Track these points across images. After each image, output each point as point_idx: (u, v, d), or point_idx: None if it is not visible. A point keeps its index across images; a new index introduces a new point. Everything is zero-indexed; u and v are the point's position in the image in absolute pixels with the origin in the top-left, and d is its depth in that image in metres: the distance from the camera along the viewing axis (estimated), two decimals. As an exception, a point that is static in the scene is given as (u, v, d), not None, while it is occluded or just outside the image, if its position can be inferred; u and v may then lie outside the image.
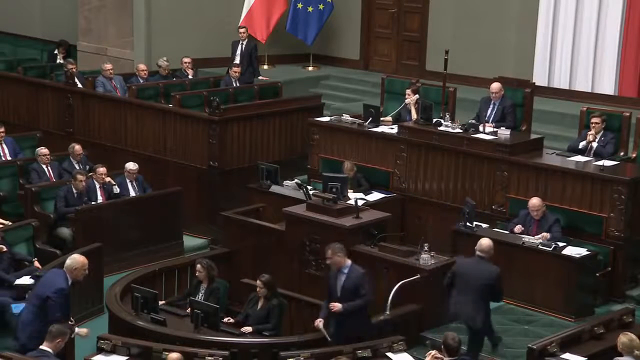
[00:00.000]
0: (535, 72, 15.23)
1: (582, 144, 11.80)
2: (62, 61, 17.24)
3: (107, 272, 11.29)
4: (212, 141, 13.00)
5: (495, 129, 12.03)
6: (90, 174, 12.45)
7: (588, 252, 10.62)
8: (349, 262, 9.10)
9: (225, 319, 9.73)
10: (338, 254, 9.04)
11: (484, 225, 11.32)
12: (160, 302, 9.84)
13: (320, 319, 9.06)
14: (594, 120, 11.78)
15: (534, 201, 10.83)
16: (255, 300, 9.82)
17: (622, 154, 11.83)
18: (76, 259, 8.77)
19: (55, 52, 17.53)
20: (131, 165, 12.61)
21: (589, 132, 11.74)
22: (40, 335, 8.24)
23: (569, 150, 11.92)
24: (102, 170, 12.37)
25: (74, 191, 12.04)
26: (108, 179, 12.36)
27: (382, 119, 12.98)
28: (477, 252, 9.31)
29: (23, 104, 15.27)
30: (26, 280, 10.17)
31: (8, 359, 8.17)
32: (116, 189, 12.38)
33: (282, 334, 9.70)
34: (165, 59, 15.39)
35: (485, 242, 9.35)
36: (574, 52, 15.07)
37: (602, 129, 11.79)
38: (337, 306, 8.96)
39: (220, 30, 16.77)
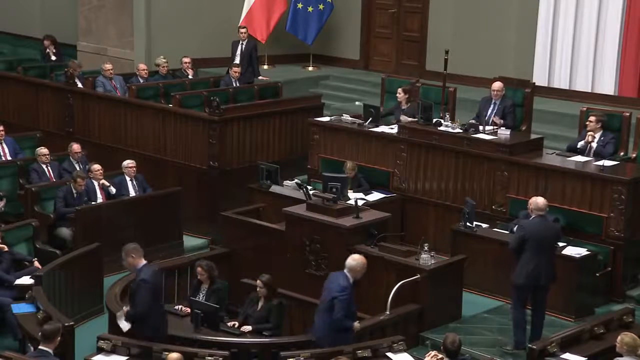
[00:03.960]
0: (535, 72, 15.23)
1: (580, 144, 11.80)
2: (54, 57, 17.22)
3: (107, 272, 11.29)
4: (212, 141, 13.00)
5: (496, 128, 12.02)
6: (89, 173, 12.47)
7: (588, 252, 10.63)
8: (143, 262, 8.85)
9: (230, 323, 9.71)
10: (132, 254, 8.81)
11: (484, 225, 11.33)
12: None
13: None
14: (589, 119, 11.78)
15: (539, 202, 10.75)
16: (256, 300, 9.82)
17: (622, 154, 11.83)
18: (358, 260, 8.91)
19: (47, 50, 17.47)
20: (128, 162, 12.61)
21: (588, 132, 11.73)
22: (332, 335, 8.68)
23: (568, 150, 11.93)
24: (96, 167, 12.37)
25: (74, 192, 12.04)
26: (102, 180, 12.35)
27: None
28: (537, 212, 9.52)
29: (23, 104, 15.27)
30: (26, 280, 10.17)
31: (8, 359, 8.17)
32: (112, 190, 12.37)
33: (282, 334, 9.70)
34: (162, 57, 15.38)
35: (540, 200, 9.60)
36: (574, 52, 15.07)
37: (601, 129, 11.77)
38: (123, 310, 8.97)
39: (220, 30, 16.77)
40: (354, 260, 8.95)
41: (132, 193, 12.56)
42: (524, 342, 9.41)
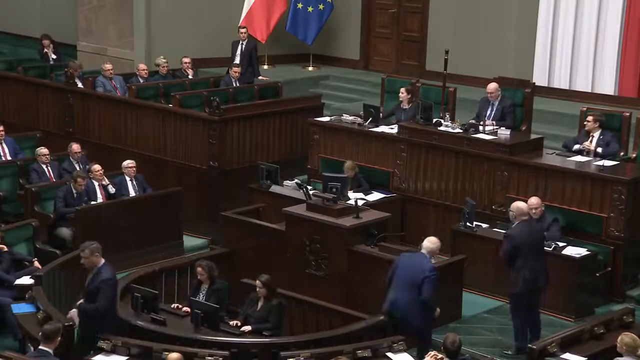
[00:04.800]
0: (535, 72, 15.23)
1: (576, 147, 11.79)
2: (54, 56, 17.22)
3: (107, 272, 11.28)
4: (212, 141, 13.00)
5: (496, 128, 12.03)
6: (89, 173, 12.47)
7: (588, 252, 10.63)
8: (102, 261, 8.94)
9: (233, 323, 9.71)
10: (96, 253, 8.90)
11: (484, 225, 11.33)
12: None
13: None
14: (587, 119, 11.77)
15: (533, 200, 10.79)
16: (255, 301, 9.82)
17: (622, 154, 11.83)
18: (436, 242, 9.33)
19: (45, 50, 17.47)
20: (128, 162, 12.61)
21: (585, 143, 11.69)
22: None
23: (563, 147, 11.93)
24: (96, 167, 12.38)
25: (74, 191, 12.04)
26: (104, 181, 12.36)
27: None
28: (521, 217, 9.66)
29: (23, 104, 15.27)
30: (26, 280, 10.17)
31: (8, 359, 8.17)
32: (111, 189, 12.37)
33: (282, 334, 9.69)
34: (162, 57, 15.38)
35: (522, 204, 9.83)
36: (574, 52, 15.07)
37: (599, 129, 11.76)
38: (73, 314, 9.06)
39: (220, 30, 16.77)
40: (433, 243, 9.33)
41: (132, 193, 12.56)
42: (526, 347, 9.41)
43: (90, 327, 8.82)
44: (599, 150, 11.58)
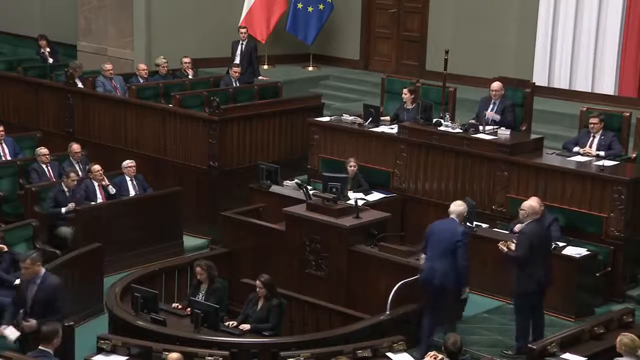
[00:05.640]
0: (535, 72, 15.23)
1: (575, 149, 11.79)
2: (50, 58, 17.22)
3: (107, 272, 11.29)
4: (212, 141, 13.00)
5: (496, 128, 12.03)
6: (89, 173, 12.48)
7: (588, 252, 10.62)
8: (43, 270, 8.84)
9: (228, 323, 9.71)
10: (38, 262, 8.79)
11: (484, 225, 11.33)
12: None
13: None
14: (592, 120, 11.76)
15: (535, 205, 10.73)
16: (255, 301, 9.82)
17: (622, 153, 11.83)
18: (462, 204, 9.77)
19: (42, 51, 17.46)
20: (128, 162, 12.61)
21: (585, 148, 11.68)
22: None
23: (564, 147, 11.93)
24: (96, 167, 12.38)
25: (65, 190, 12.03)
26: (104, 182, 12.36)
27: (382, 118, 13.01)
28: (534, 216, 9.65)
29: (23, 104, 15.27)
30: (26, 280, 10.15)
31: (8, 359, 8.17)
32: (112, 190, 12.37)
33: (282, 334, 9.70)
34: (162, 57, 15.38)
35: (536, 204, 9.76)
36: (574, 52, 15.06)
37: (602, 129, 11.77)
38: (31, 325, 8.72)
39: (220, 30, 16.77)
40: (459, 205, 9.75)
41: (132, 193, 12.56)
42: (526, 347, 9.41)
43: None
44: (601, 153, 11.56)
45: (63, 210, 11.93)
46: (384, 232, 10.55)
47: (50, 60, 17.23)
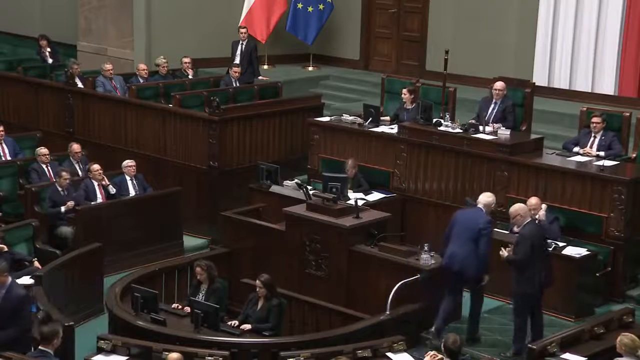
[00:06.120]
0: (535, 72, 15.23)
1: (575, 149, 11.79)
2: (50, 59, 17.22)
3: (107, 272, 11.30)
4: (212, 141, 13.00)
5: (496, 129, 12.02)
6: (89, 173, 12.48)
7: (588, 252, 10.62)
8: (10, 279, 8.72)
9: (231, 323, 9.71)
10: (4, 273, 8.66)
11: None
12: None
13: None
14: (594, 120, 11.76)
15: (532, 200, 10.77)
16: (255, 301, 9.82)
17: (622, 154, 11.83)
18: (491, 196, 9.91)
19: (43, 51, 17.45)
20: (128, 162, 12.62)
21: (585, 149, 11.68)
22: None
23: (564, 147, 11.93)
24: (95, 167, 12.38)
25: (59, 189, 12.04)
26: (104, 182, 12.36)
27: (382, 118, 13.02)
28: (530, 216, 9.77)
29: (23, 104, 15.27)
30: (26, 280, 10.15)
31: (8, 359, 8.17)
32: (112, 190, 12.37)
33: (282, 334, 9.70)
34: (162, 57, 15.39)
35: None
36: (574, 52, 15.06)
37: (602, 129, 11.77)
38: None
39: (220, 30, 16.77)
40: (489, 196, 9.89)
41: (132, 193, 12.56)
42: (524, 348, 9.41)
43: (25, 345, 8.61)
44: (601, 153, 11.56)
45: (62, 208, 11.94)
46: (384, 232, 10.55)
47: (50, 61, 17.23)
